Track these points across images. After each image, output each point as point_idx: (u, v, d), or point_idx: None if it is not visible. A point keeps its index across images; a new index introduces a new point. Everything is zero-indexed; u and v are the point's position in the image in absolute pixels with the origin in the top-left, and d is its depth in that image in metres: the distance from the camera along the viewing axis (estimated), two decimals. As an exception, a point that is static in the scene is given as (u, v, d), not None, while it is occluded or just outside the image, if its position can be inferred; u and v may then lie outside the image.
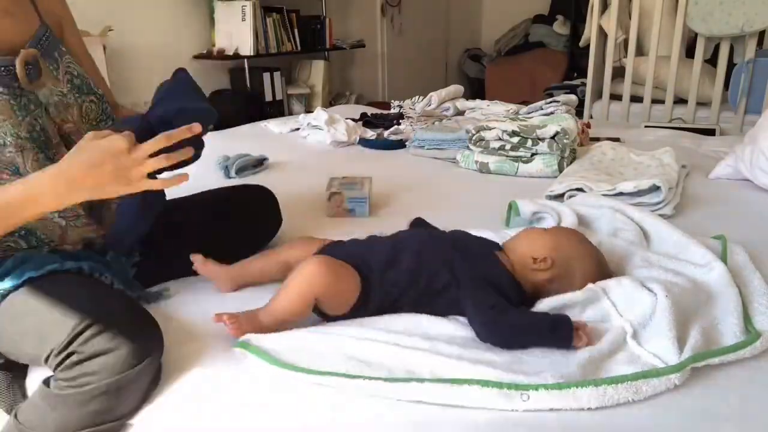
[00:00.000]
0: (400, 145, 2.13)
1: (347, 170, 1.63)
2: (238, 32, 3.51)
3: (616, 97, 3.36)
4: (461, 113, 2.46)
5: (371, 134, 2.26)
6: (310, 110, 3.42)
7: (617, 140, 2.03)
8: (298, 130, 2.43)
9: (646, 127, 2.71)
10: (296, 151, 2.14)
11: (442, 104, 2.49)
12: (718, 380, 0.77)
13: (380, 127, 2.39)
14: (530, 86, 4.36)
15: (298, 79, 4.09)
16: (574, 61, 4.54)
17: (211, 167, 1.82)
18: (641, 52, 3.26)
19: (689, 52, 3.18)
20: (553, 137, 1.71)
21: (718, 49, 3.03)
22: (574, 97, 2.23)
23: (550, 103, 2.15)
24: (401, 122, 2.41)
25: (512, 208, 1.32)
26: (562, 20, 4.76)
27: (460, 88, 2.65)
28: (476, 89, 5.24)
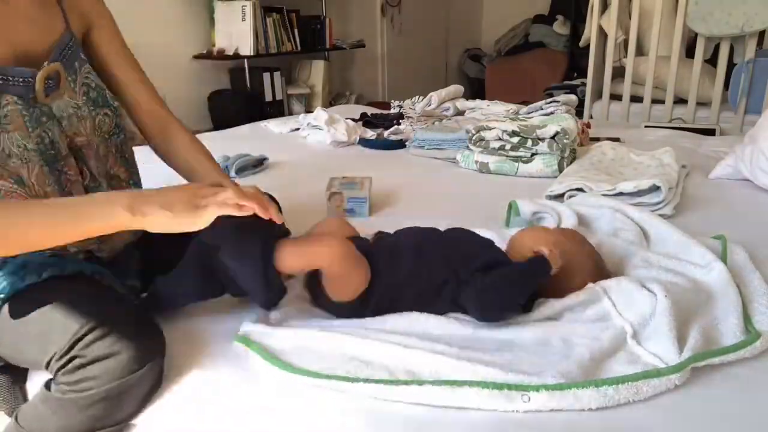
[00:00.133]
0: (400, 145, 2.13)
1: (347, 170, 1.62)
2: (238, 32, 3.51)
3: (616, 97, 3.36)
4: (461, 113, 2.46)
5: (371, 134, 2.26)
6: (310, 110, 3.41)
7: (617, 140, 2.03)
8: (298, 130, 2.43)
9: (646, 127, 2.70)
10: (296, 151, 2.14)
11: (442, 104, 2.49)
12: (718, 380, 0.77)
13: (380, 127, 2.39)
14: (530, 86, 4.36)
15: (298, 79, 4.09)
16: (574, 61, 4.54)
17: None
18: (641, 52, 3.26)
19: (689, 52, 3.18)
20: (553, 137, 1.71)
21: (718, 49, 3.03)
22: (574, 97, 2.23)
23: (550, 103, 2.15)
24: (401, 122, 2.41)
25: (512, 208, 1.32)
26: (562, 20, 4.76)
27: (460, 88, 2.65)
28: (476, 89, 5.24)
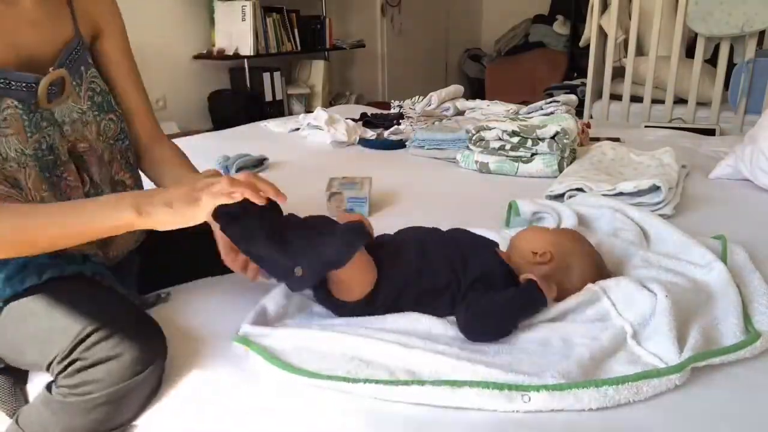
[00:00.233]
0: (400, 145, 2.13)
1: (347, 170, 1.62)
2: (238, 32, 3.51)
3: (616, 97, 3.36)
4: (461, 113, 2.46)
5: (371, 134, 2.26)
6: (310, 110, 3.41)
7: (617, 140, 2.03)
8: (298, 130, 2.43)
9: (646, 127, 2.70)
10: (296, 151, 2.14)
11: (442, 104, 2.49)
12: (717, 380, 0.77)
13: (380, 127, 2.39)
14: (530, 86, 4.37)
15: (298, 79, 4.09)
16: (574, 61, 4.54)
17: (211, 167, 1.81)
18: (641, 52, 3.26)
19: (689, 52, 3.18)
20: (553, 137, 1.71)
21: (718, 49, 3.03)
22: (574, 97, 2.22)
23: (550, 103, 2.15)
24: (401, 122, 2.41)
25: (512, 208, 1.32)
26: (562, 20, 4.76)
27: (460, 88, 2.65)
28: (476, 89, 5.25)
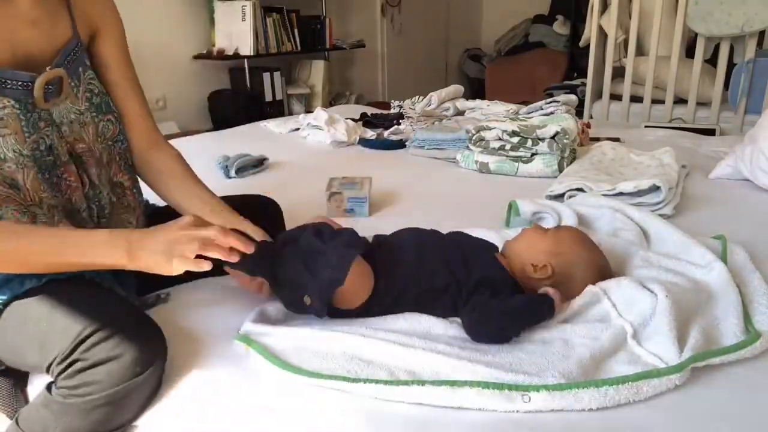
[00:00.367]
0: (400, 145, 2.13)
1: (347, 170, 1.62)
2: (238, 32, 3.51)
3: (616, 97, 3.36)
4: (461, 113, 2.46)
5: (371, 134, 2.26)
6: (310, 110, 3.42)
7: (617, 140, 2.03)
8: (298, 130, 2.43)
9: (646, 127, 2.70)
10: (296, 151, 2.14)
11: (442, 104, 2.49)
12: (718, 380, 0.77)
13: (380, 127, 2.39)
14: (530, 86, 4.36)
15: (298, 79, 4.09)
16: (574, 61, 4.54)
17: (211, 167, 1.82)
18: (641, 52, 3.26)
19: (689, 52, 3.18)
20: (553, 137, 1.71)
21: (718, 49, 3.03)
22: (574, 97, 2.23)
23: (550, 103, 2.15)
24: (401, 122, 2.41)
25: (512, 208, 1.32)
26: (562, 20, 4.76)
27: (460, 88, 2.65)
28: (476, 89, 5.25)
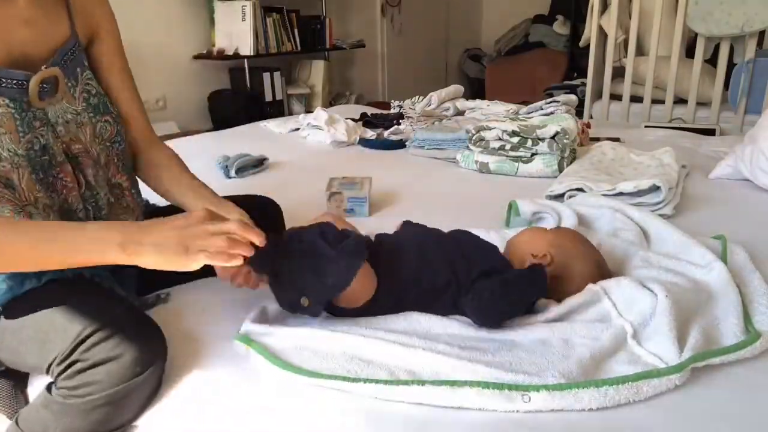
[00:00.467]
0: (400, 145, 2.13)
1: (347, 170, 1.62)
2: (238, 32, 3.51)
3: (616, 97, 3.36)
4: (461, 113, 2.46)
5: (371, 134, 2.26)
6: (310, 110, 3.42)
7: (617, 140, 2.03)
8: (298, 130, 2.43)
9: (646, 127, 2.70)
10: (296, 151, 2.14)
11: (442, 104, 2.49)
12: (717, 380, 0.77)
13: (380, 127, 2.39)
14: (530, 86, 4.36)
15: (298, 79, 4.09)
16: (574, 61, 4.54)
17: (211, 167, 1.82)
18: (641, 52, 3.26)
19: (689, 52, 3.18)
20: (553, 137, 1.71)
21: (718, 49, 3.03)
22: (574, 97, 2.23)
23: (550, 103, 2.15)
24: (401, 122, 2.41)
25: (512, 208, 1.32)
26: (562, 20, 4.76)
27: (460, 88, 2.65)
28: (476, 89, 5.25)
